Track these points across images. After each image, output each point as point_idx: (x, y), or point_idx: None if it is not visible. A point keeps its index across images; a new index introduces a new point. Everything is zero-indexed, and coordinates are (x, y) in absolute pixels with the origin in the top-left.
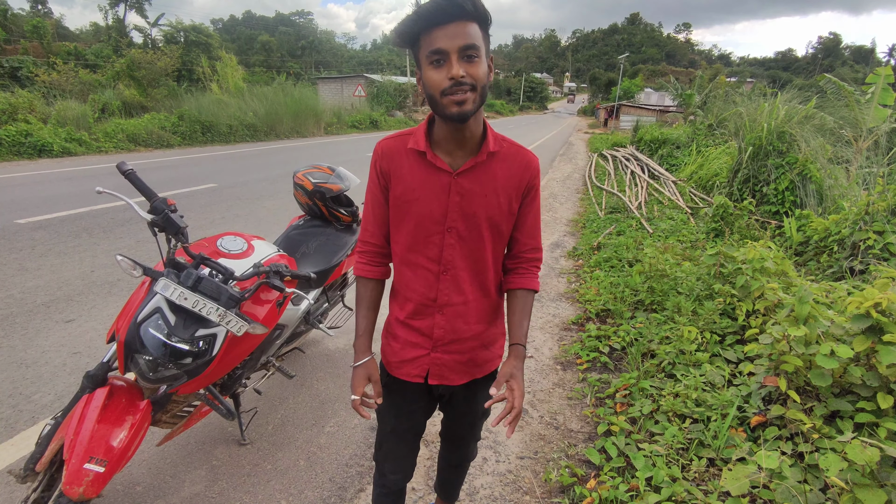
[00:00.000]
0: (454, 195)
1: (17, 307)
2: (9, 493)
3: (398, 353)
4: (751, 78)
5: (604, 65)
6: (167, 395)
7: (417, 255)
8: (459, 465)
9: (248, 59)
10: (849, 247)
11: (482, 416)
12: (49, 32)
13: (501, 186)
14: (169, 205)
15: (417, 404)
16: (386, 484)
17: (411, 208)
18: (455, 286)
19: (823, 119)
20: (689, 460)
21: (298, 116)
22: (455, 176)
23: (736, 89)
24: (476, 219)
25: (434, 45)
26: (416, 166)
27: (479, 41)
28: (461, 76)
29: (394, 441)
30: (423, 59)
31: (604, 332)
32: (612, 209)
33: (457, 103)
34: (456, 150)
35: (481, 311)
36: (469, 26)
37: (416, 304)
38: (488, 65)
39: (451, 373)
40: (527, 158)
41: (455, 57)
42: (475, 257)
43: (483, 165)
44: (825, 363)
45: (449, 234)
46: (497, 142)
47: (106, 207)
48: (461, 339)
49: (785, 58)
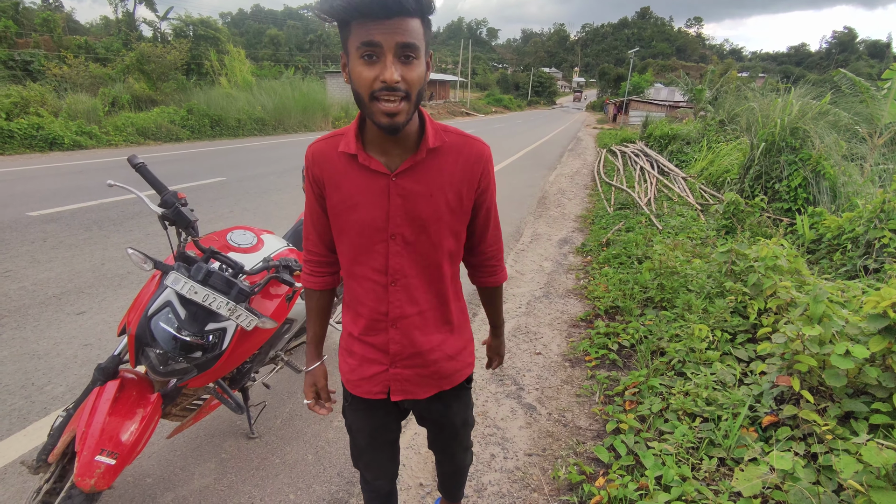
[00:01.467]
0: (395, 198)
1: (29, 299)
2: (21, 482)
3: (356, 371)
4: (763, 73)
5: (613, 59)
6: (177, 389)
7: (362, 267)
8: (455, 473)
9: (257, 53)
10: (863, 245)
11: (463, 425)
12: (60, 26)
13: (448, 183)
14: (179, 198)
15: (387, 417)
16: (373, 489)
17: (350, 216)
18: (407, 297)
19: (838, 115)
20: (699, 460)
21: (306, 110)
22: (393, 177)
23: (747, 84)
24: (423, 222)
25: (367, 37)
26: (350, 170)
27: (419, 39)
28: (395, 81)
29: (371, 454)
30: (351, 46)
31: (613, 329)
32: (621, 205)
33: (387, 114)
34: (392, 148)
35: (440, 319)
36: (410, 22)
37: (368, 320)
38: (427, 62)
39: (414, 387)
40: (476, 148)
41: (390, 56)
42: (426, 263)
43: (424, 163)
44: (840, 363)
45: (393, 242)
46: (438, 135)
47: (116, 200)
48: (421, 353)
49: (798, 53)
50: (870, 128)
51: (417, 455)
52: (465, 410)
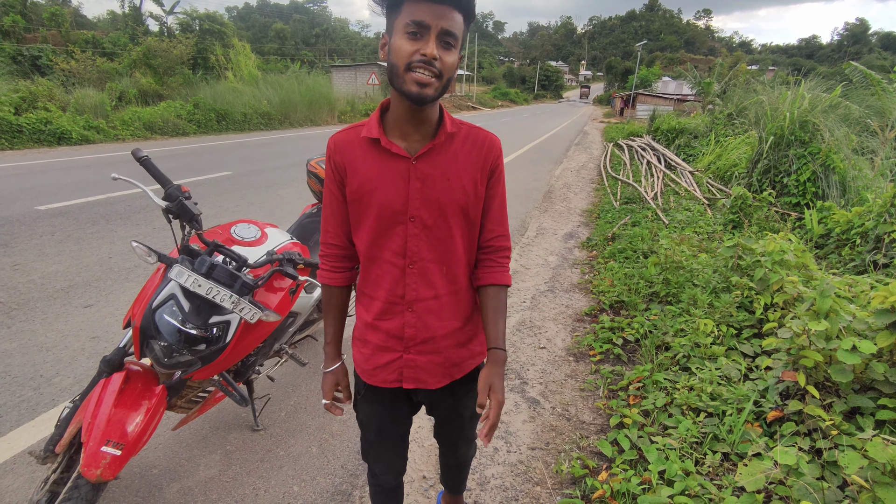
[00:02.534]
0: (414, 181)
1: (37, 292)
2: (30, 473)
3: (370, 360)
4: (773, 66)
5: (621, 52)
6: (182, 381)
7: (381, 250)
8: (457, 465)
9: (263, 48)
10: (872, 240)
11: (471, 418)
12: (67, 21)
13: (464, 168)
14: (183, 192)
15: (398, 410)
16: (380, 483)
17: (371, 200)
18: (423, 280)
19: (848, 108)
20: (702, 454)
21: (312, 105)
22: (413, 161)
23: (757, 78)
24: (440, 205)
25: (417, 16)
26: (372, 156)
27: (459, 31)
28: (434, 57)
29: (380, 447)
30: (398, 25)
31: (617, 323)
32: (627, 199)
33: (419, 84)
34: (412, 133)
35: (454, 305)
36: (456, 14)
37: (383, 303)
38: (459, 55)
39: (427, 375)
40: (488, 138)
41: (434, 35)
42: (443, 248)
43: (442, 147)
44: (846, 359)
45: (412, 224)
46: (454, 123)
47: (123, 195)
48: (435, 338)
49: (809, 45)
50: (881, 121)
51: (421, 448)
52: (473, 403)
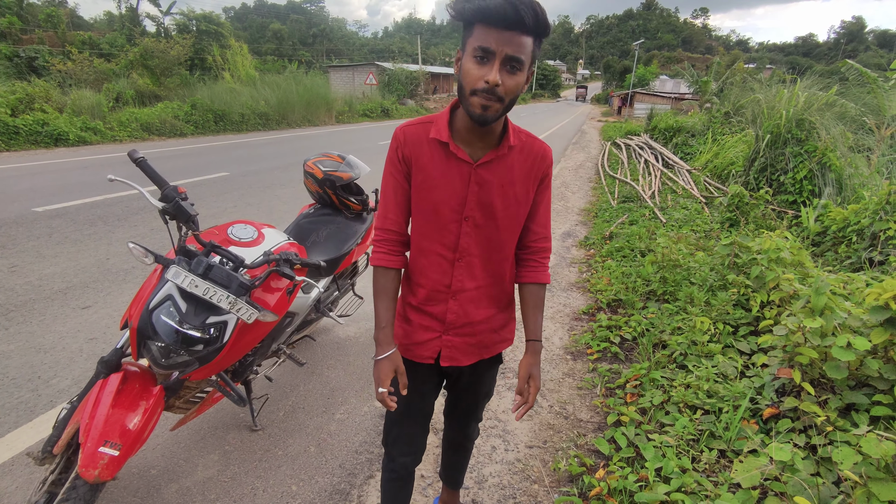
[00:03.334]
0: (473, 185)
1: (35, 294)
2: (28, 474)
3: (410, 336)
4: (770, 64)
5: (618, 51)
6: (180, 381)
7: (433, 243)
8: (461, 445)
9: (260, 48)
10: (868, 237)
11: (485, 396)
12: (63, 21)
13: (518, 177)
14: (180, 193)
15: (428, 385)
16: (395, 468)
17: (430, 196)
18: (469, 273)
19: (845, 106)
20: (699, 451)
21: (310, 105)
22: (475, 167)
23: (754, 76)
24: (493, 208)
25: (484, 42)
26: (438, 155)
27: (527, 55)
28: (496, 84)
29: (405, 423)
30: (469, 46)
31: (615, 322)
32: (624, 198)
33: (482, 107)
34: (476, 141)
35: (493, 296)
36: (524, 38)
37: (430, 291)
38: (528, 75)
39: (460, 354)
40: (542, 150)
41: (498, 63)
42: (490, 246)
43: (502, 158)
44: (841, 355)
45: (466, 223)
46: (516, 135)
47: (121, 196)
48: (472, 323)
49: (806, 43)
50: (877, 119)
51: None
52: (491, 383)
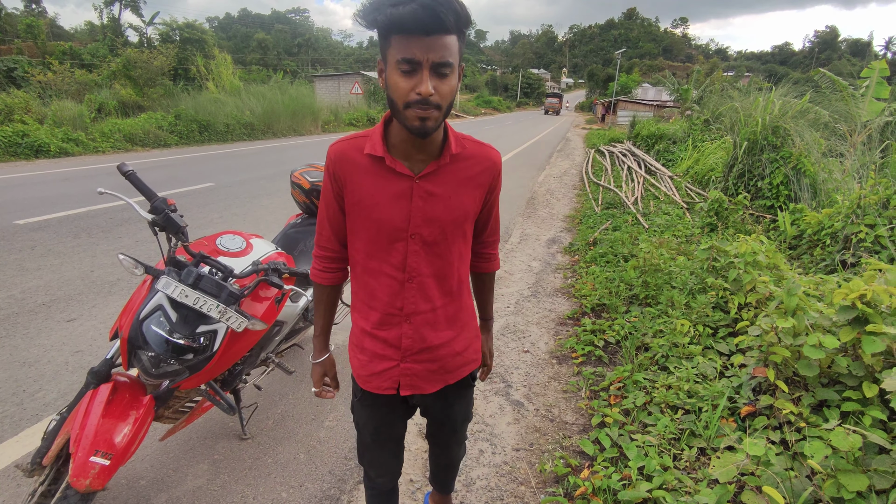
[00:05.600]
0: (416, 200)
1: (18, 307)
2: (15, 487)
3: (367, 367)
4: (748, 72)
5: (601, 60)
6: (169, 391)
7: (380, 263)
8: (448, 465)
9: (245, 58)
10: (841, 240)
11: (463, 421)
12: (43, 32)
13: (465, 187)
14: (169, 204)
15: (394, 414)
16: (376, 486)
17: (371, 215)
18: (422, 294)
19: (818, 113)
20: (680, 450)
21: (296, 115)
22: (417, 180)
23: (733, 84)
24: (441, 223)
25: (406, 54)
26: (374, 171)
27: (454, 56)
28: (430, 94)
29: (376, 450)
30: (390, 59)
31: (599, 326)
32: (608, 205)
33: (420, 119)
34: (416, 153)
35: (451, 316)
36: (447, 39)
37: (382, 314)
38: (458, 73)
39: (422, 382)
40: (490, 156)
41: (427, 72)
42: (441, 262)
43: (445, 168)
44: (812, 354)
45: (413, 241)
46: (459, 142)
47: (104, 207)
48: (431, 348)
49: (782, 52)
50: (849, 125)
51: (408, 452)
52: (466, 408)
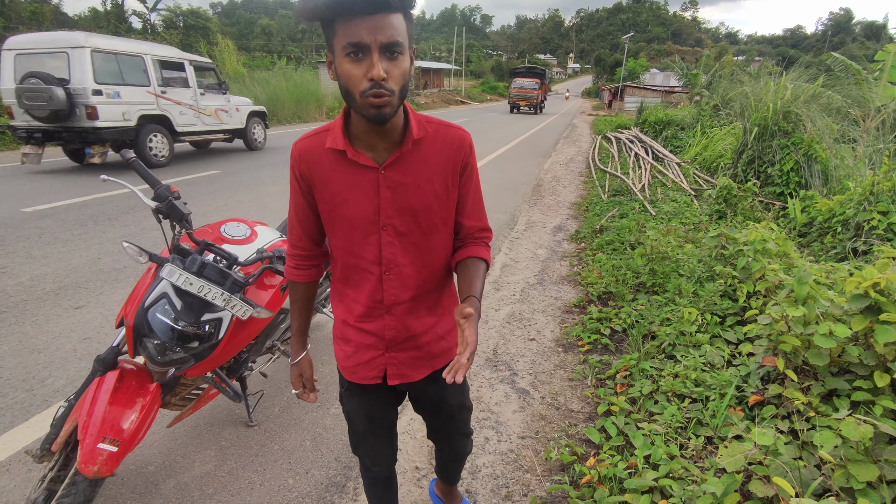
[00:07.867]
0: (384, 190)
1: (26, 294)
2: (26, 472)
3: (352, 357)
4: (758, 56)
5: (608, 45)
6: (176, 378)
7: (357, 258)
8: (454, 459)
9: (249, 44)
10: (853, 227)
11: (459, 408)
12: (48, 18)
13: (434, 172)
14: (172, 192)
15: (383, 402)
16: (373, 475)
17: (342, 212)
18: (401, 284)
19: (830, 98)
20: (687, 439)
21: (300, 101)
22: (382, 170)
23: (743, 68)
24: (412, 211)
25: (353, 38)
26: (339, 167)
27: (403, 35)
28: (382, 78)
29: (368, 439)
30: (337, 46)
31: (605, 314)
32: (615, 192)
33: (376, 106)
34: (378, 143)
35: (432, 303)
36: (393, 18)
37: (364, 307)
38: (410, 55)
39: (409, 370)
40: (458, 136)
41: (376, 54)
42: (418, 251)
43: (410, 154)
44: (823, 343)
45: (385, 233)
46: (421, 126)
47: (111, 195)
48: (414, 336)
49: (794, 35)
50: (862, 110)
51: (413, 440)
52: (460, 393)
